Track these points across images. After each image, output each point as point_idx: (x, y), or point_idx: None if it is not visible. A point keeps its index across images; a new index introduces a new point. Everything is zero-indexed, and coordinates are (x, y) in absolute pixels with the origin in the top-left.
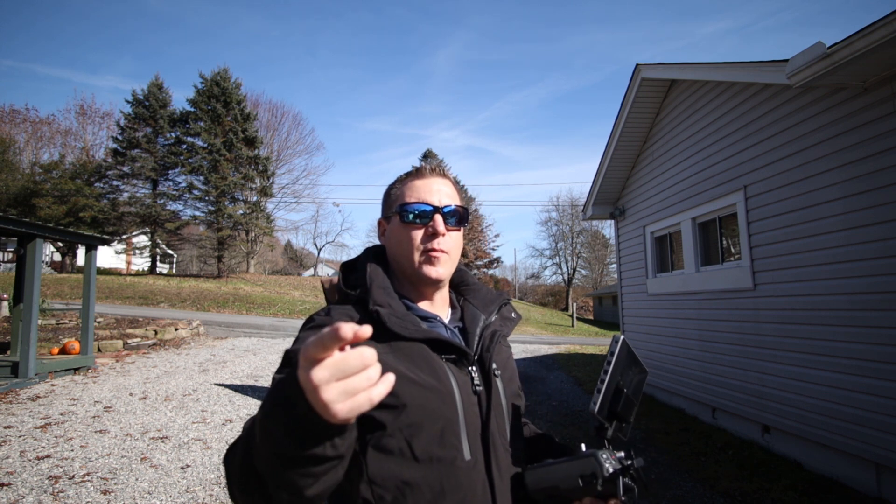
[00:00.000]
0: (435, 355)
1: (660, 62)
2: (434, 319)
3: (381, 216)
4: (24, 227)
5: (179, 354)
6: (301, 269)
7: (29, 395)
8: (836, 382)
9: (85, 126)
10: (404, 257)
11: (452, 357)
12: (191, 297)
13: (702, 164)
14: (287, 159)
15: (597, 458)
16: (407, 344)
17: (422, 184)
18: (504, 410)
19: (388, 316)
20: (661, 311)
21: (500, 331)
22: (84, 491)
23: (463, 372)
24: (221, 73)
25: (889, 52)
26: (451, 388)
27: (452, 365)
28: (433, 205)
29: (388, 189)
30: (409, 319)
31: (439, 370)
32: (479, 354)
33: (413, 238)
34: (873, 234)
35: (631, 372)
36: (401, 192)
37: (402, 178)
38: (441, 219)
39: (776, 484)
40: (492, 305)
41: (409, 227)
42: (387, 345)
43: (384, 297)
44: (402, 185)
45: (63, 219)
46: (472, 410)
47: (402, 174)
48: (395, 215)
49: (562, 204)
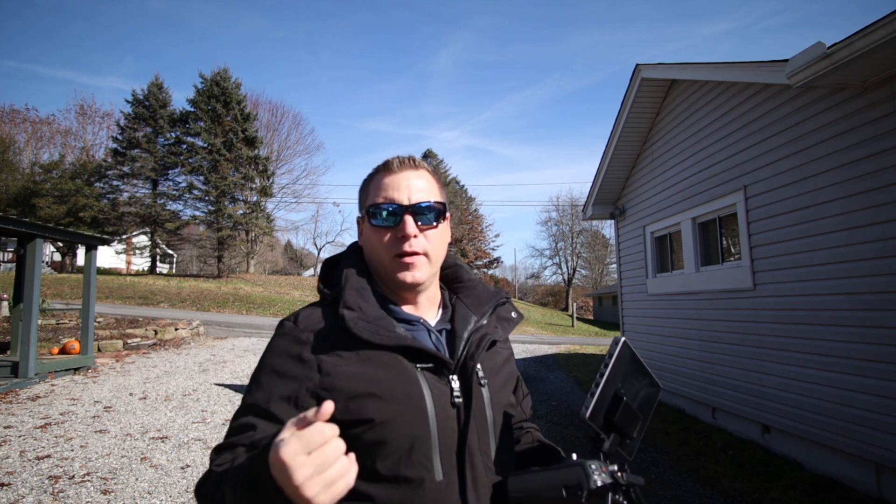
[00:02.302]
0: (408, 364)
1: (660, 62)
2: (417, 322)
3: (360, 214)
4: (24, 227)
5: (179, 354)
6: (301, 269)
7: (29, 395)
8: (836, 382)
9: (85, 126)
10: (378, 262)
11: (429, 366)
12: (191, 297)
13: (702, 164)
14: (287, 159)
15: (584, 469)
16: (376, 352)
17: (390, 181)
18: (489, 423)
19: (355, 321)
20: (661, 311)
21: (492, 334)
22: (84, 491)
23: (441, 382)
24: (221, 74)
25: (889, 52)
26: (423, 402)
27: (430, 374)
28: (401, 203)
29: (361, 185)
30: (382, 324)
31: (411, 381)
32: (462, 362)
33: (383, 241)
34: (873, 234)
35: (636, 382)
36: (369, 190)
37: (371, 174)
38: (411, 219)
39: (776, 484)
40: (485, 305)
41: (378, 230)
42: (354, 353)
43: (355, 300)
44: (371, 181)
45: (63, 219)
46: (449, 425)
47: (372, 169)
48: (364, 216)
49: (562, 204)
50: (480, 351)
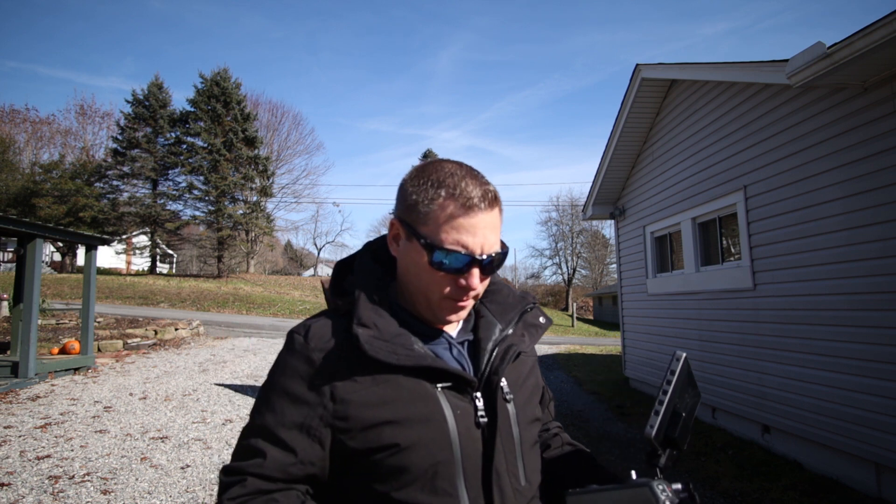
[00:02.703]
0: (428, 385)
1: (660, 62)
2: (439, 336)
3: (397, 217)
4: (24, 227)
5: (179, 354)
6: (301, 269)
7: (29, 395)
8: (836, 382)
9: (85, 126)
10: (420, 293)
11: (450, 384)
12: (191, 297)
13: (702, 164)
14: (287, 159)
15: (652, 490)
16: (393, 374)
17: (467, 222)
18: (516, 442)
19: (371, 340)
20: (661, 311)
21: (518, 345)
22: (84, 491)
23: (464, 400)
24: (221, 74)
25: (889, 52)
26: (445, 424)
27: (452, 392)
28: (473, 255)
29: (415, 193)
30: (399, 342)
31: (431, 403)
32: (486, 377)
33: (437, 279)
34: (873, 234)
35: (687, 394)
36: (434, 216)
37: (436, 190)
38: (478, 272)
39: (776, 484)
40: (511, 312)
41: (435, 271)
42: (370, 376)
43: (371, 315)
44: (437, 205)
45: (63, 219)
46: (474, 447)
47: (439, 178)
48: (417, 242)
49: (562, 204)
50: (506, 364)
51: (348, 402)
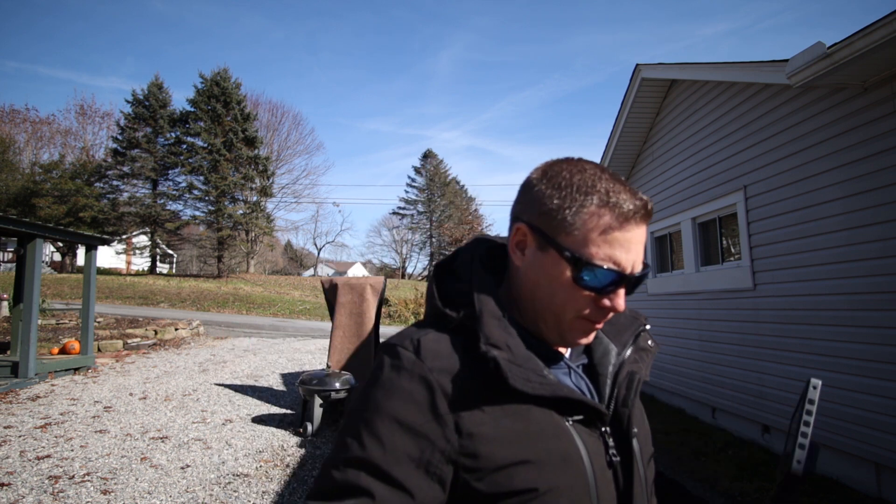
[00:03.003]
0: (559, 418)
1: (660, 62)
2: (558, 359)
3: (525, 222)
4: (24, 227)
5: (179, 354)
6: (301, 269)
7: (29, 395)
8: (836, 382)
9: (85, 126)
10: (549, 310)
11: (580, 418)
12: (191, 297)
13: (702, 164)
14: (287, 159)
15: None
16: (524, 405)
17: (622, 237)
18: (643, 485)
19: (509, 366)
20: (661, 310)
21: (639, 373)
22: (84, 491)
23: (593, 436)
24: (221, 74)
25: (889, 52)
26: (583, 466)
27: (582, 427)
28: (623, 273)
29: (556, 198)
30: (531, 367)
31: (565, 439)
32: (615, 409)
33: (577, 301)
34: (873, 234)
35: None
36: (582, 226)
37: (585, 197)
38: (624, 291)
39: (776, 484)
40: (626, 333)
41: (576, 288)
42: (499, 407)
43: (501, 335)
44: (587, 214)
45: (63, 219)
46: (607, 491)
47: (585, 181)
48: (557, 254)
49: None
50: (634, 395)
51: (476, 437)
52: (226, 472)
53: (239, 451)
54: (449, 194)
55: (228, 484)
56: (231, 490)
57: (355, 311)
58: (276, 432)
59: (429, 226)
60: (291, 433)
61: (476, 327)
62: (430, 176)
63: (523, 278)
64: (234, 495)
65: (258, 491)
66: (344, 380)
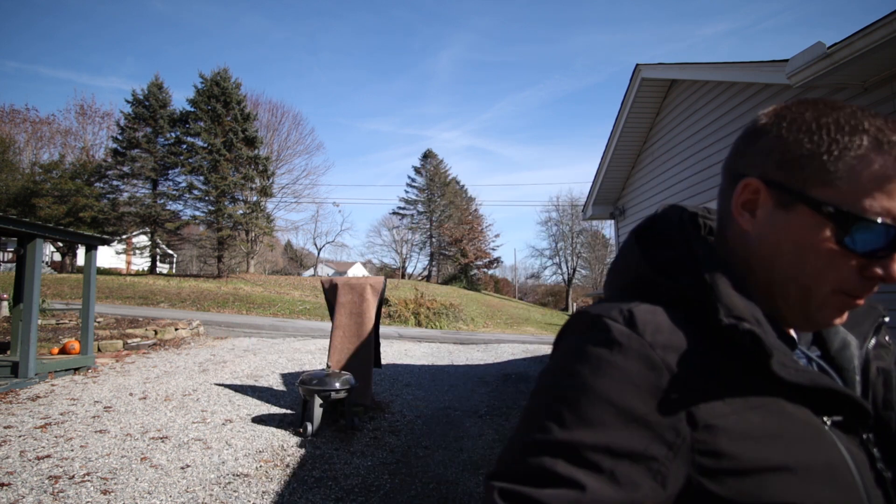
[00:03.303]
0: (815, 417)
1: (660, 62)
2: (793, 345)
3: (757, 176)
4: (24, 227)
5: (179, 354)
6: (301, 269)
7: (29, 395)
8: None
9: (85, 126)
10: (795, 282)
11: (839, 419)
12: (191, 297)
13: (702, 164)
14: (287, 159)
15: None
16: (771, 396)
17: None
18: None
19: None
20: None
21: (890, 370)
22: (84, 491)
23: (854, 443)
24: (221, 73)
25: (889, 52)
26: (852, 478)
27: (840, 432)
28: None
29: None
30: (784, 350)
31: (826, 444)
32: (875, 411)
33: (838, 270)
34: None
35: None
36: (850, 174)
37: (850, 137)
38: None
39: None
40: (864, 323)
41: (839, 252)
42: (742, 395)
43: (746, 306)
44: (855, 157)
45: (63, 219)
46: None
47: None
48: (811, 211)
49: (562, 204)
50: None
51: (717, 431)
52: (226, 472)
53: (239, 451)
54: (449, 194)
55: (228, 484)
56: (231, 490)
57: (355, 311)
58: (276, 432)
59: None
60: (291, 433)
61: (711, 297)
62: (430, 176)
63: (756, 245)
64: (234, 495)
65: (258, 491)
66: (344, 380)
